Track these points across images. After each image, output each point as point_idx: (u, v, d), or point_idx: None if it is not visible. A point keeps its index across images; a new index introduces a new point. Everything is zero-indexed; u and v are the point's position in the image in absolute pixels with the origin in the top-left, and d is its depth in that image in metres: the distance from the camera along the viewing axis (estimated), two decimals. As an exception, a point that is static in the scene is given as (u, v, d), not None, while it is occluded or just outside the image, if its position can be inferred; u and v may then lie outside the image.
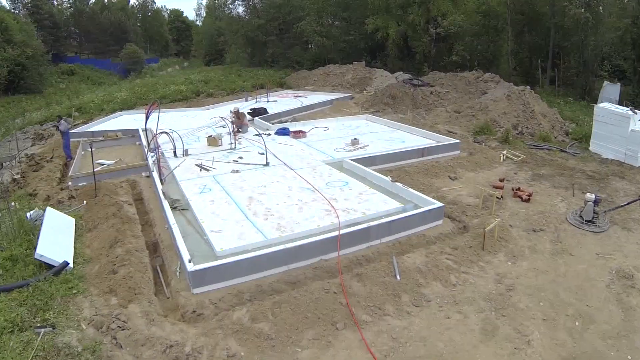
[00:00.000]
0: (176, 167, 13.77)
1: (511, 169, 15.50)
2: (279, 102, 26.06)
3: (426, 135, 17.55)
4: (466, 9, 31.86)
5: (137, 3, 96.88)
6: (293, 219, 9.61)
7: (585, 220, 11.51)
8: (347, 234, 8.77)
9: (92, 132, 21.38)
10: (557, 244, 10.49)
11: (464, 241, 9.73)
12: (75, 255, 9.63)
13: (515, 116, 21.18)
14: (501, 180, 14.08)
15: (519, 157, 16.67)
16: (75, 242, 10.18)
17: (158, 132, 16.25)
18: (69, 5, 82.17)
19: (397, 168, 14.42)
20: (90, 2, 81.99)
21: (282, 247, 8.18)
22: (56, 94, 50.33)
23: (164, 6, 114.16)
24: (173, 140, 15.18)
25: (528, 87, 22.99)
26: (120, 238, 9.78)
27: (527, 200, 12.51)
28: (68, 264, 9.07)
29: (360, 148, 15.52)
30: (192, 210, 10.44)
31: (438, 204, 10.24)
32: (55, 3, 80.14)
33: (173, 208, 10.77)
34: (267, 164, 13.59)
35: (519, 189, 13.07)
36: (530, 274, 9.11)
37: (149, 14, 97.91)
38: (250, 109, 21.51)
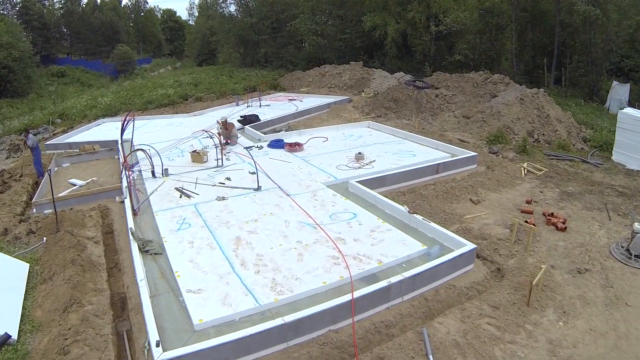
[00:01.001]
0: (152, 193, 11.62)
1: (535, 185, 13.51)
2: (272, 106, 23.89)
3: (437, 146, 15.50)
4: (468, 5, 29.72)
5: (129, 3, 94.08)
6: (292, 272, 7.51)
7: (634, 255, 9.56)
8: (363, 297, 6.70)
9: (70, 143, 19.21)
10: (608, 289, 8.52)
11: (504, 295, 7.70)
12: (23, 318, 7.55)
13: (529, 122, 19.20)
14: (528, 202, 12.11)
15: (541, 170, 14.69)
16: (25, 299, 8.10)
17: (134, 149, 14.13)
18: (60, 6, 79.17)
19: (411, 189, 12.37)
20: (82, 3, 79.08)
21: (279, 321, 6.10)
22: (44, 96, 48.03)
23: (157, 6, 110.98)
24: (150, 158, 13.01)
25: (541, 89, 21.00)
26: (77, 297, 7.66)
27: (563, 229, 10.51)
28: (10, 336, 6.98)
29: (366, 165, 13.43)
30: (167, 256, 8.32)
31: (469, 245, 8.19)
32: (47, 3, 77.34)
33: (144, 251, 8.67)
34: (258, 188, 11.46)
35: (552, 214, 11.08)
36: (588, 339, 7.13)
37: (142, 14, 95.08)
38: (241, 116, 19.32)
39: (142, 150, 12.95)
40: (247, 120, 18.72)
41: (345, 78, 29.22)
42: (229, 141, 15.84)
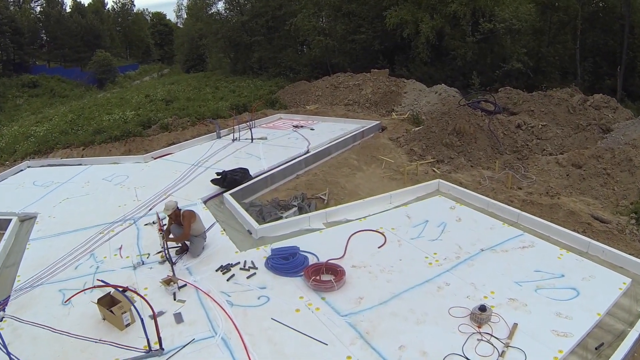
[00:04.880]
0: None
1: None
2: (270, 139, 15.62)
3: (586, 247, 7.49)
4: (524, -4, 21.56)
5: (116, 7, 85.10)
6: None
7: None
8: None
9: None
10: None
11: None
12: None
13: (676, 175, 11.22)
14: None
15: None
16: None
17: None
18: (40, 9, 70.26)
19: None
20: (65, 7, 70.26)
21: None
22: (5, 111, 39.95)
23: (147, 9, 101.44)
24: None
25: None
26: None
27: None
28: None
29: (505, 343, 5.20)
30: None
31: None
32: (25, 7, 68.53)
33: None
34: None
35: None
36: None
37: (129, 18, 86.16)
38: (218, 173, 10.84)
39: None
40: (228, 180, 10.32)
41: (367, 91, 20.94)
42: (188, 246, 7.53)
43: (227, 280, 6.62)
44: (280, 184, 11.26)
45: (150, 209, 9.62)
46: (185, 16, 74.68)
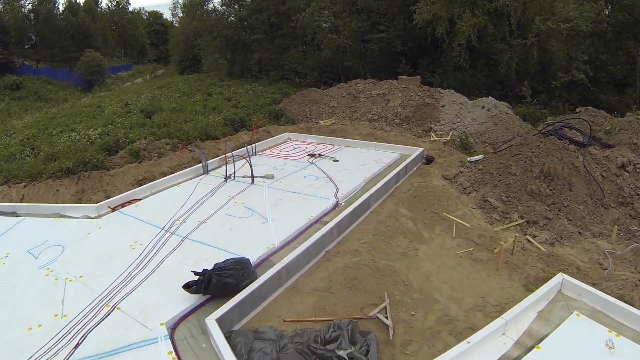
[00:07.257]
0: None
1: None
2: (278, 176, 11.25)
3: None
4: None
5: (110, 5, 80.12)
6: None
7: None
8: None
9: None
10: None
11: None
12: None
13: None
14: None
15: None
16: None
17: None
18: (32, 7, 65.32)
19: None
20: (58, 5, 65.39)
21: None
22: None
23: (143, 8, 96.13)
24: None
25: None
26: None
27: None
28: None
29: None
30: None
31: None
32: (16, 4, 63.63)
33: None
34: None
35: None
36: None
37: (125, 17, 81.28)
38: (197, 273, 6.16)
39: None
40: (212, 286, 5.73)
41: (396, 104, 16.55)
42: None
43: None
44: (301, 275, 6.87)
45: (77, 346, 5.24)
46: (181, 14, 69.81)
